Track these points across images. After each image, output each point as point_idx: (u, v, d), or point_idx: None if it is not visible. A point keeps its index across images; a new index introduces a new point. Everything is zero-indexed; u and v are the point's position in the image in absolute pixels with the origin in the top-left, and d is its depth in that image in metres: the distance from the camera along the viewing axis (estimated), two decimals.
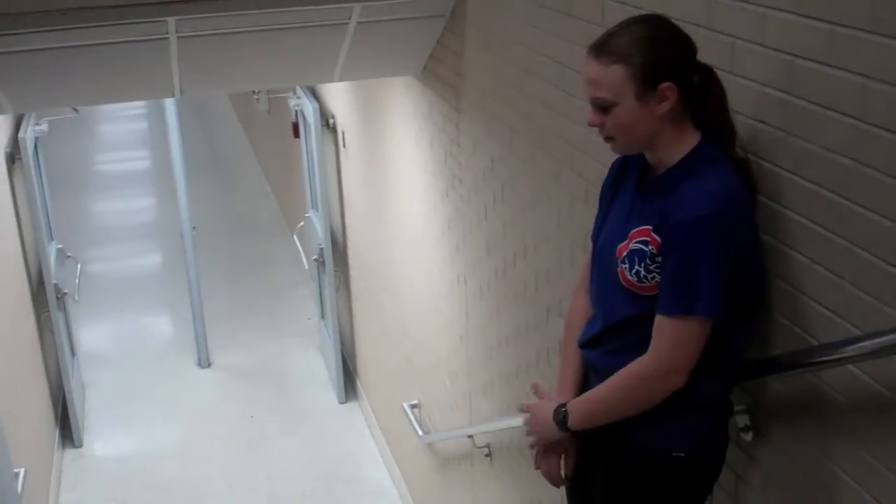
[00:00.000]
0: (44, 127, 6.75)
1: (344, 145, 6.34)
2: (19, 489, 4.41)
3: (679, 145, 1.98)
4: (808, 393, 1.95)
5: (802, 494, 2.02)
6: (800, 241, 1.92)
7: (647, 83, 1.91)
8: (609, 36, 1.95)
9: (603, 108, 1.96)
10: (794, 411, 2.03)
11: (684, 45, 1.95)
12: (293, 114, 7.38)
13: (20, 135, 6.28)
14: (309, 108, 6.61)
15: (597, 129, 2.03)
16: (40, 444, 5.99)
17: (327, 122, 6.62)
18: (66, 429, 6.73)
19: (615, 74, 1.91)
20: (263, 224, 10.39)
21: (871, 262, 1.73)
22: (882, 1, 1.62)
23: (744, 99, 2.02)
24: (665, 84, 1.91)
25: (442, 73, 4.10)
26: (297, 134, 7.47)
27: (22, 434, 5.19)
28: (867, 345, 1.72)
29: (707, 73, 1.98)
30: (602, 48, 1.94)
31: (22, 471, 4.58)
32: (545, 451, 2.31)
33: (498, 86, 3.50)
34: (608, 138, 2.02)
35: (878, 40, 1.63)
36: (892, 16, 1.60)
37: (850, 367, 1.80)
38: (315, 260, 7.12)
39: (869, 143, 1.69)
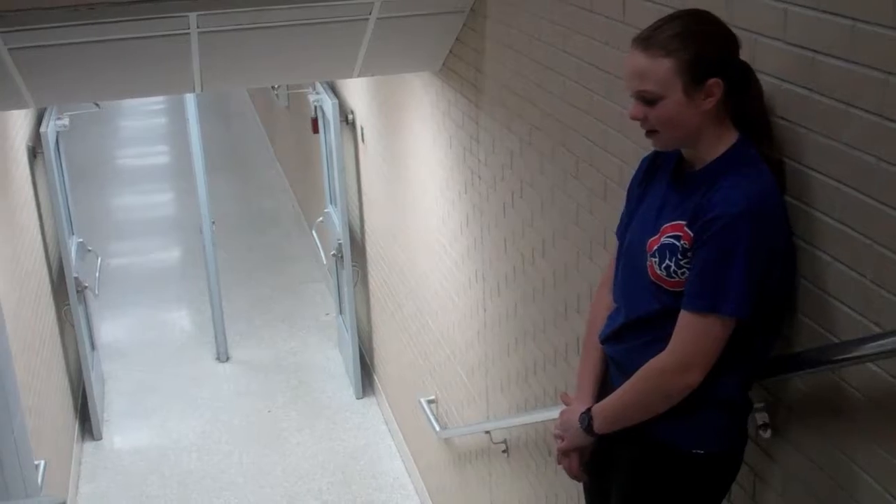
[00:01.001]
0: (65, 121, 6.80)
1: (363, 141, 6.35)
2: (40, 480, 4.45)
3: (719, 142, 1.97)
4: (828, 391, 1.94)
5: (821, 492, 2.02)
6: (820, 238, 1.91)
7: (694, 78, 1.90)
8: (656, 29, 1.93)
9: (647, 101, 1.95)
10: (813, 409, 2.03)
11: (730, 41, 1.94)
12: (312, 109, 7.41)
13: (42, 129, 6.33)
14: (328, 104, 6.63)
15: (633, 120, 2.01)
16: (60, 437, 6.04)
17: (346, 117, 6.64)
18: (86, 421, 6.79)
19: (663, 68, 1.90)
20: (282, 219, 10.43)
21: (892, 259, 1.72)
22: None
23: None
24: (712, 80, 1.90)
25: (461, 70, 4.10)
26: (316, 129, 7.49)
27: (43, 426, 5.24)
28: (888, 342, 1.71)
29: (746, 70, 1.97)
30: (650, 41, 1.92)
31: (42, 462, 4.62)
32: (567, 448, 2.32)
33: (517, 82, 3.50)
34: (650, 132, 2.01)
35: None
36: None
37: (871, 365, 1.79)
38: (333, 255, 7.14)
39: (890, 140, 1.68)
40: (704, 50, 1.90)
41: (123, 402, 7.22)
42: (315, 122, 7.45)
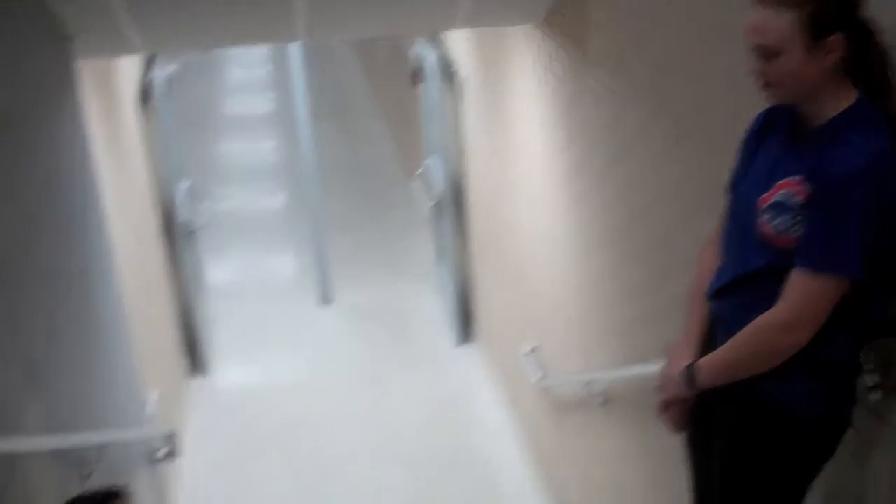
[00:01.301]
0: (175, 67, 6.95)
1: (464, 93, 6.36)
2: (150, 411, 4.64)
3: (837, 100, 1.95)
4: None
5: None
6: None
7: (816, 33, 1.88)
8: None
9: (767, 56, 1.94)
10: None
11: None
12: (415, 61, 7.43)
13: (152, 75, 6.49)
14: (431, 56, 6.64)
15: (743, 77, 2.00)
16: (170, 373, 6.28)
17: (448, 69, 6.65)
18: (194, 359, 7.03)
19: (785, 22, 1.88)
20: (384, 168, 10.54)
21: None
22: None
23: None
24: (834, 35, 1.88)
25: (564, 23, 4.07)
26: (417, 82, 7.52)
27: (154, 363, 5.45)
28: None
29: (868, 26, 1.93)
30: None
31: (153, 395, 4.82)
32: (669, 402, 2.34)
33: (624, 35, 3.46)
34: (767, 86, 1.99)
35: None
36: None
37: None
38: (434, 205, 7.20)
39: None
40: (826, 5, 1.88)
41: (229, 341, 7.45)
42: (417, 73, 7.48)
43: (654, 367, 2.56)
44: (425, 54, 6.85)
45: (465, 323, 7.29)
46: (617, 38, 3.53)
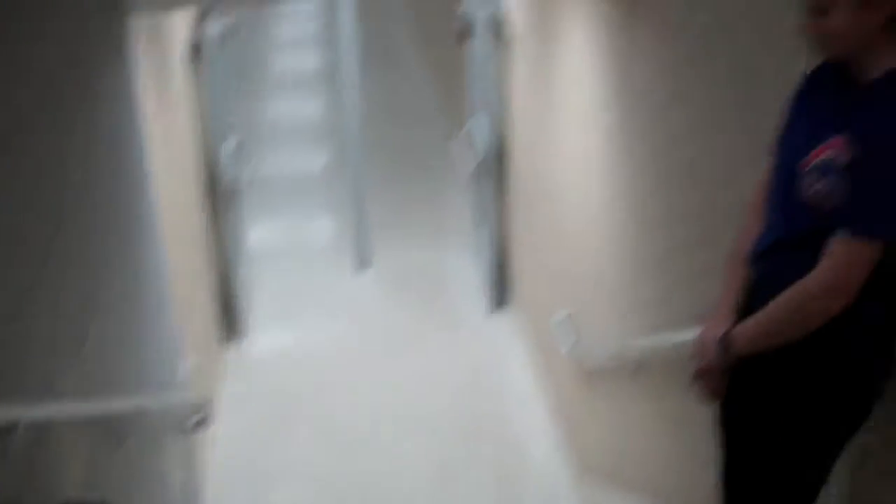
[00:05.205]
0: (227, 24, 6.89)
1: (513, 51, 6.26)
2: (184, 376, 4.63)
3: (886, 59, 1.91)
4: None
5: None
6: None
7: None
8: None
9: (818, 11, 1.91)
10: None
11: None
12: (463, 18, 7.33)
13: (203, 32, 6.46)
14: (480, 12, 6.54)
15: (803, 35, 1.98)
16: (207, 336, 6.26)
17: (497, 26, 6.54)
18: (232, 322, 7.01)
19: None
20: (429, 127, 10.45)
21: None
22: None
23: None
24: None
25: None
26: (465, 39, 7.42)
27: (191, 326, 5.43)
28: None
29: None
30: None
31: (189, 361, 4.80)
32: (703, 370, 2.28)
33: None
34: (818, 41, 1.96)
35: None
36: None
37: None
38: (477, 166, 7.12)
39: None
40: None
41: (267, 305, 7.44)
42: (465, 31, 7.38)
43: (688, 335, 2.49)
44: (475, 10, 6.75)
45: (502, 288, 7.23)
46: None
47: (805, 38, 1.98)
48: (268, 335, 7.14)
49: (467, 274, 7.71)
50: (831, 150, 1.91)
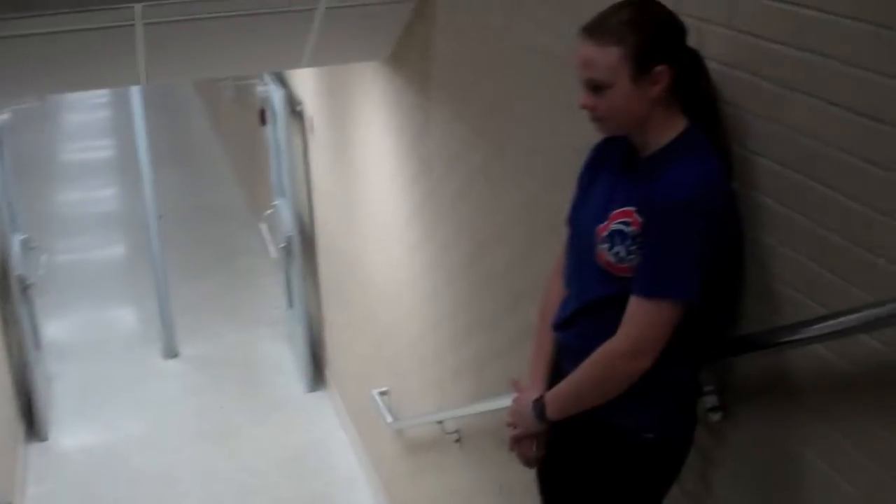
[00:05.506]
0: (6, 116, 6.66)
1: (312, 131, 6.31)
2: None
3: (667, 129, 1.99)
4: (776, 373, 1.98)
5: (770, 473, 2.05)
6: (767, 222, 1.94)
7: (641, 65, 1.91)
8: (604, 17, 1.95)
9: (596, 89, 1.96)
10: (761, 391, 2.06)
11: (677, 29, 1.96)
12: (260, 101, 7.34)
13: None
14: (276, 95, 6.57)
15: (586, 112, 2.03)
16: (5, 439, 5.92)
17: (295, 108, 6.59)
18: (32, 422, 6.65)
19: (611, 56, 1.91)
20: (230, 213, 10.31)
21: (835, 242, 1.75)
22: None
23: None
24: (659, 67, 1.91)
25: (411, 58, 4.09)
26: (263, 121, 7.42)
27: None
28: (832, 324, 1.74)
29: (695, 57, 1.99)
30: (597, 29, 1.93)
31: None
32: (520, 436, 2.33)
33: (467, 71, 3.50)
34: (597, 119, 2.02)
35: (842, 22, 1.66)
36: None
37: (817, 345, 1.83)
38: (283, 248, 7.09)
39: (833, 124, 1.71)
40: (651, 38, 1.92)
41: (70, 401, 7.09)
42: (263, 113, 7.38)
43: (506, 401, 2.55)
44: (271, 92, 6.78)
45: (317, 369, 7.17)
46: (463, 73, 3.56)
47: (588, 115, 2.03)
48: (73, 432, 6.79)
49: (281, 356, 7.60)
50: (622, 219, 1.99)
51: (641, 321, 1.97)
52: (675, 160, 1.95)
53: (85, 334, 8.09)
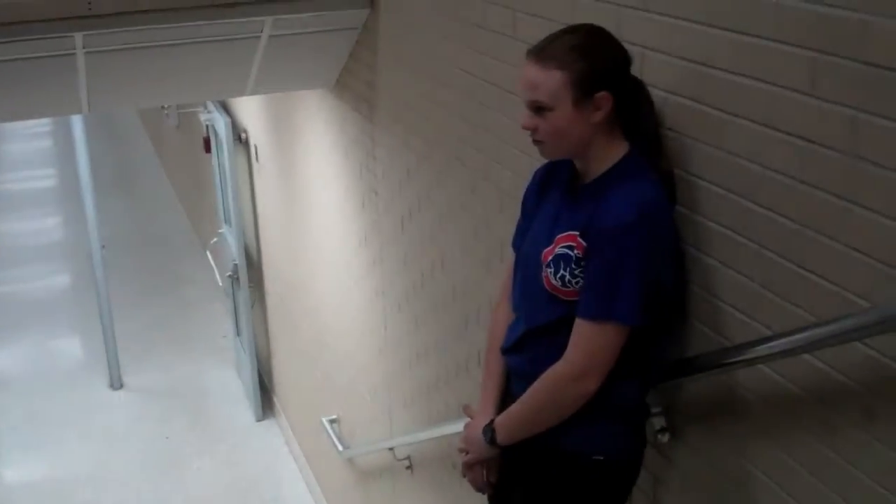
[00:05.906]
0: None
1: (257, 159, 6.28)
2: None
3: (608, 154, 2.01)
4: (723, 393, 2.00)
5: (719, 494, 2.07)
6: (710, 244, 1.96)
7: (584, 90, 1.93)
8: (550, 40, 1.97)
9: (538, 110, 1.97)
10: (709, 412, 2.08)
11: (621, 56, 1.98)
12: (204, 128, 7.29)
13: None
14: (220, 123, 6.54)
15: (528, 133, 2.04)
16: None
17: (239, 136, 6.55)
18: None
19: (554, 79, 1.93)
20: (175, 241, 10.21)
21: (778, 263, 1.78)
22: (784, 11, 1.68)
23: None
24: (601, 93, 1.94)
25: (355, 86, 4.09)
26: (208, 149, 7.37)
27: None
28: (777, 344, 1.77)
29: (638, 85, 2.02)
30: (543, 53, 1.95)
31: None
32: (472, 461, 2.33)
33: (412, 98, 3.51)
34: (538, 142, 2.03)
35: (781, 48, 1.69)
36: (793, 25, 1.66)
37: (762, 366, 1.85)
38: (229, 276, 7.03)
39: (774, 148, 1.74)
40: (594, 64, 1.94)
41: (13, 435, 6.95)
42: (207, 141, 7.34)
43: (457, 426, 2.55)
44: (215, 120, 6.73)
45: (265, 397, 7.11)
46: (407, 100, 3.57)
47: (530, 137, 2.04)
48: (17, 466, 6.65)
49: (229, 385, 7.51)
50: (566, 243, 2.01)
51: (587, 344, 1.98)
52: (617, 184, 1.97)
53: (29, 366, 7.95)
